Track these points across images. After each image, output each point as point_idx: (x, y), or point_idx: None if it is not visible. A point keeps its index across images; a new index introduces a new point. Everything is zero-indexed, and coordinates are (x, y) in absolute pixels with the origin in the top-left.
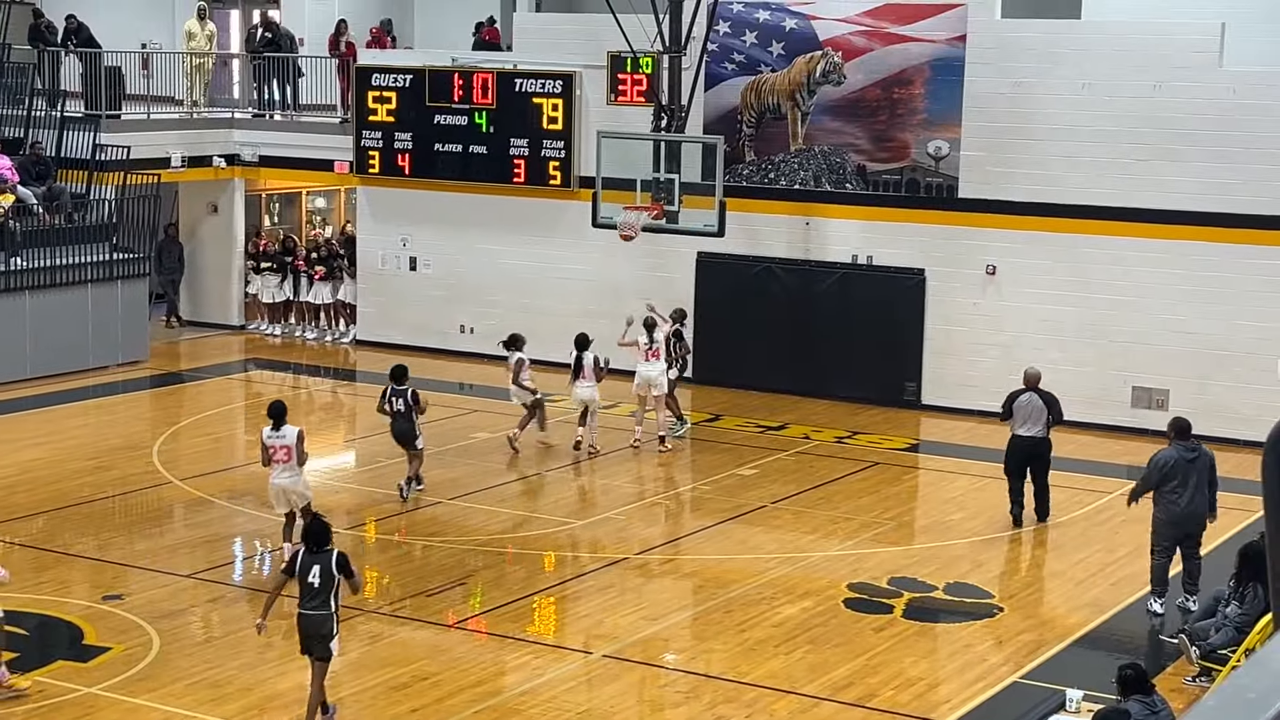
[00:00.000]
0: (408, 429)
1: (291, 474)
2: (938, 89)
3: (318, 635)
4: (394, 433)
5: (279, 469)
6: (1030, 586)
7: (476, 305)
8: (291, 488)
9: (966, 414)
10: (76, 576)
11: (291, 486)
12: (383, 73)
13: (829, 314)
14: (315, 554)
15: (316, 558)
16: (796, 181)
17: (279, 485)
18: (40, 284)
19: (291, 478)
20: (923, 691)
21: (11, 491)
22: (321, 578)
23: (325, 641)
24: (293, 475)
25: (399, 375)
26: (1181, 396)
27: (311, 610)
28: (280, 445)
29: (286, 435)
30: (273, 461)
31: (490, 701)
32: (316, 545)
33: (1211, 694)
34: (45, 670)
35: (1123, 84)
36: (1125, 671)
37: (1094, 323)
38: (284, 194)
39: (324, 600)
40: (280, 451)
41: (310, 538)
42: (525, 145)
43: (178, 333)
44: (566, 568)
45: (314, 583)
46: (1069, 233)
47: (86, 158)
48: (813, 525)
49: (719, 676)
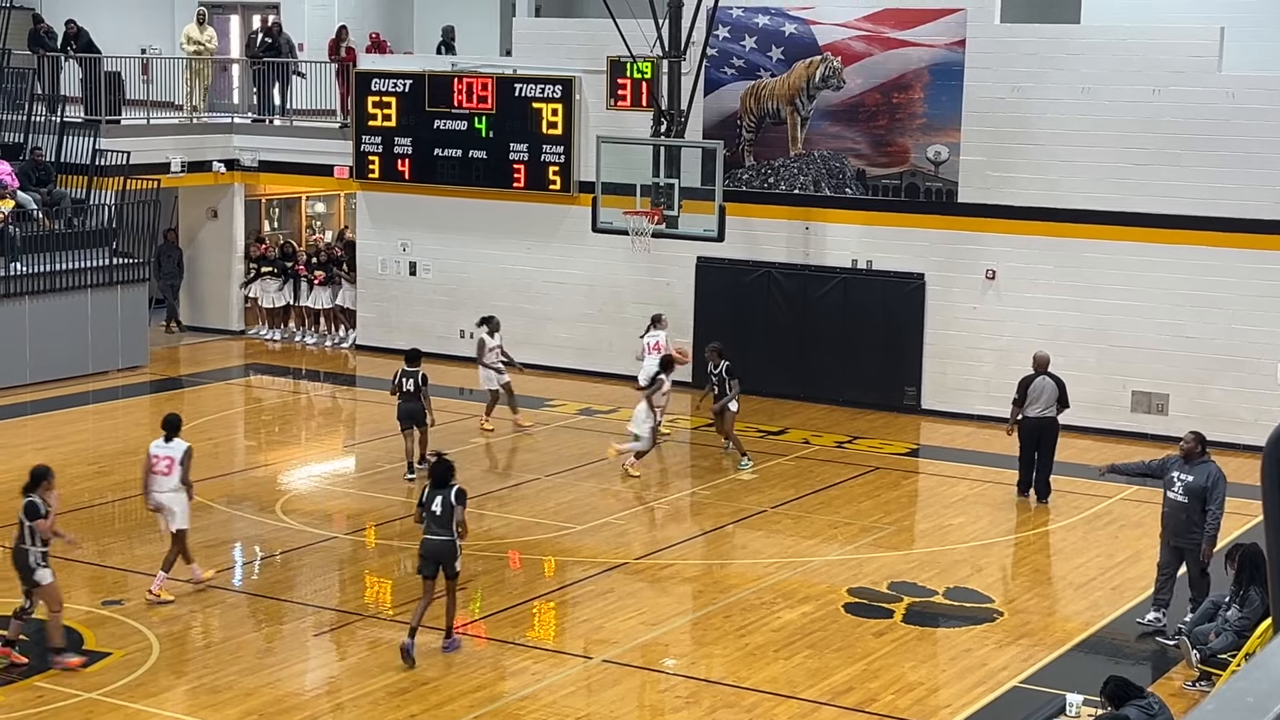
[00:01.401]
0: (416, 409)
1: (173, 490)
2: (937, 94)
3: (444, 558)
4: (401, 412)
5: (159, 481)
6: (1030, 591)
7: (476, 310)
8: (169, 505)
9: (966, 419)
10: (76, 581)
11: (169, 504)
12: (382, 78)
13: (829, 319)
14: (438, 488)
15: (439, 491)
16: (796, 186)
17: (156, 500)
18: (40, 289)
19: (171, 494)
20: (923, 696)
21: (12, 496)
22: (442, 508)
23: (451, 562)
24: (174, 491)
25: (412, 357)
26: (1181, 401)
27: (434, 536)
28: (164, 456)
29: (174, 448)
30: (153, 473)
31: (490, 707)
32: (440, 482)
33: (1211, 698)
34: (45, 676)
35: (1122, 89)
36: (1106, 687)
37: (1094, 327)
38: (284, 199)
39: (446, 527)
40: (162, 463)
41: (435, 474)
42: (525, 150)
43: (177, 338)
44: (566, 572)
45: (436, 511)
46: (1068, 237)
47: (86, 163)
48: (812, 530)
49: (719, 681)
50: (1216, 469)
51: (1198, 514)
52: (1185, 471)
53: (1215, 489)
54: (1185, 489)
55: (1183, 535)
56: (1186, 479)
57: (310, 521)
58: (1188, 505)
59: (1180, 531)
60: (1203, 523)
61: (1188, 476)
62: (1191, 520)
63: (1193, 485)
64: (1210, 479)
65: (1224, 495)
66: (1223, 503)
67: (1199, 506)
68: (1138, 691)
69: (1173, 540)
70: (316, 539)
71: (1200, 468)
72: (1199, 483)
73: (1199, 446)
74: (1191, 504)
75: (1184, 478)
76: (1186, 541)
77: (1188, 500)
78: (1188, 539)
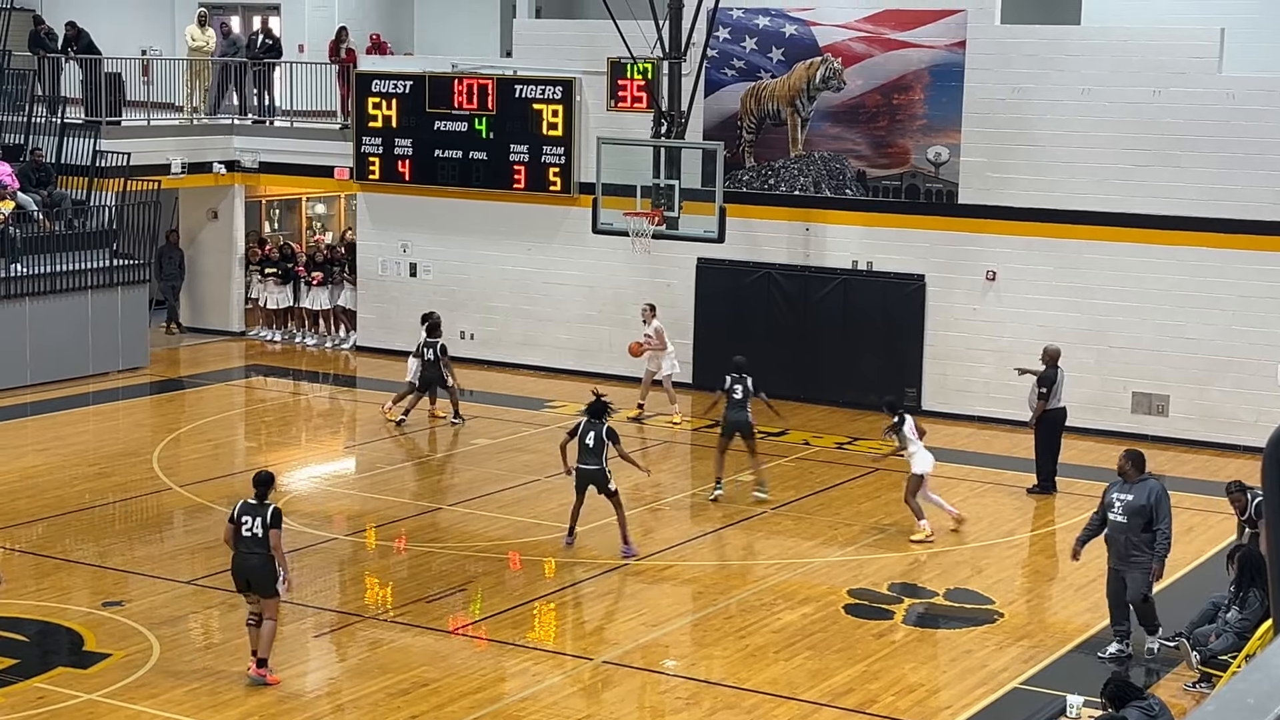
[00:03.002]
0: (435, 375)
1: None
2: (937, 95)
3: (596, 481)
4: (421, 380)
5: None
6: (1030, 592)
7: (477, 311)
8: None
9: (966, 419)
10: (77, 583)
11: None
12: (383, 79)
13: (829, 320)
14: (592, 422)
15: (592, 425)
16: (796, 187)
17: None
18: (40, 290)
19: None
20: (923, 698)
21: (13, 498)
22: (595, 441)
23: (604, 484)
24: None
25: (433, 327)
26: (1181, 402)
27: (586, 466)
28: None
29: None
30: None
31: (490, 708)
32: (596, 414)
33: (1211, 699)
34: (46, 677)
35: (1122, 90)
36: (1107, 688)
37: (1094, 328)
38: (284, 200)
39: (597, 457)
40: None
41: (591, 410)
42: (525, 151)
43: (178, 339)
44: (566, 574)
45: (589, 444)
46: (1069, 238)
47: (87, 164)
48: (813, 531)
49: (719, 683)
50: (1158, 486)
51: (1138, 534)
52: (1125, 492)
53: (1159, 507)
54: (1125, 509)
55: (1125, 559)
56: (1126, 498)
57: (311, 523)
58: (1128, 525)
59: (1123, 555)
60: (1144, 544)
61: (1127, 496)
62: (1131, 542)
63: (1132, 504)
64: (1152, 496)
65: (1169, 513)
66: (1170, 520)
67: (1140, 526)
68: (1138, 693)
69: (1116, 564)
70: (317, 540)
71: (1139, 486)
72: (1138, 501)
73: (1130, 464)
74: (1132, 524)
75: (1123, 498)
76: (1128, 566)
77: (1128, 520)
78: (1129, 562)
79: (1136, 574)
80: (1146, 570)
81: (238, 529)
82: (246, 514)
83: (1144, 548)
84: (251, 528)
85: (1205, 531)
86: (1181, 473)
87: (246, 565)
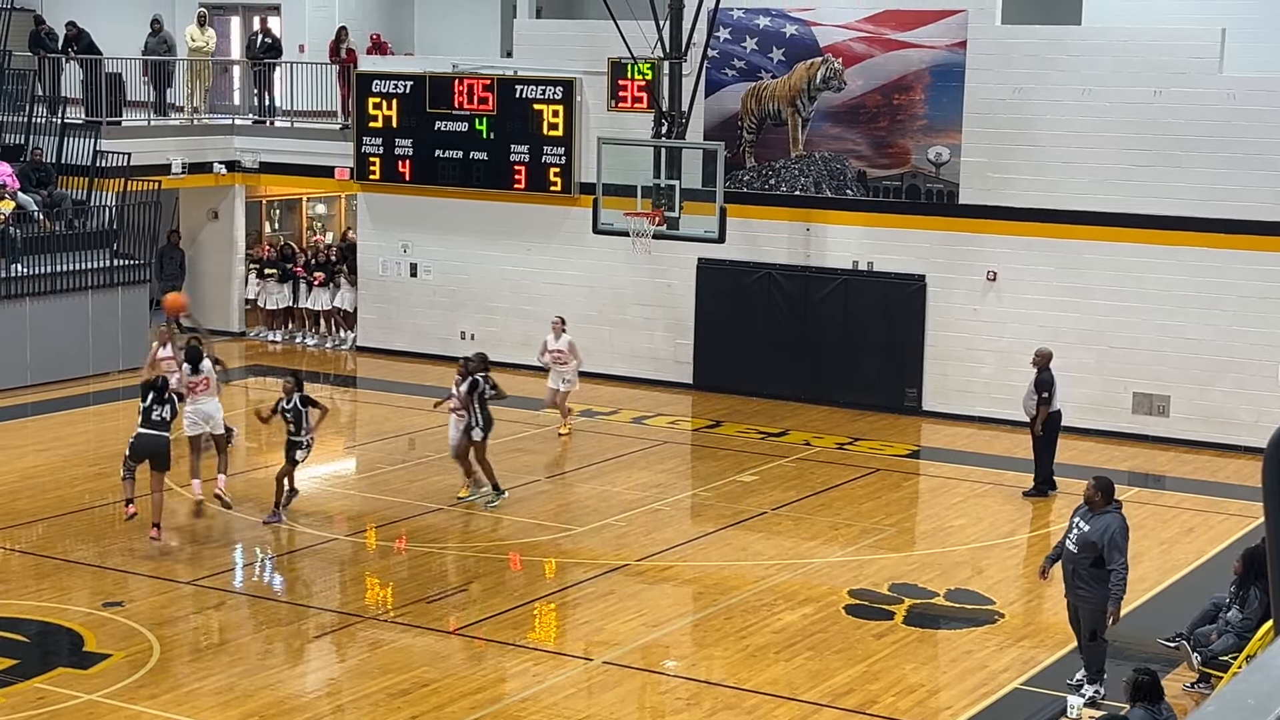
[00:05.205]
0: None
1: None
2: (938, 95)
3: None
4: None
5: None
6: (1031, 593)
7: (477, 312)
8: (215, 414)
9: (967, 420)
10: (77, 583)
11: (215, 413)
12: (383, 79)
13: (830, 320)
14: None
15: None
16: (797, 187)
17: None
18: (41, 291)
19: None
20: (923, 698)
21: (13, 498)
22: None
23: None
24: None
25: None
26: (1182, 402)
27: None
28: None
29: (204, 370)
30: (194, 392)
31: (490, 709)
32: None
33: (1212, 700)
34: (46, 677)
35: (1123, 90)
36: (1141, 678)
37: (1094, 328)
38: (284, 200)
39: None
40: (201, 383)
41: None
42: (526, 151)
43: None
44: (567, 574)
45: None
46: (1069, 239)
47: (87, 164)
48: (813, 531)
49: (719, 683)
50: (1116, 523)
51: (1085, 568)
52: (1085, 520)
53: (1112, 545)
54: (1079, 539)
55: (1071, 588)
56: (1083, 528)
57: (311, 523)
58: (1076, 557)
59: (1069, 584)
60: (1092, 579)
61: (1084, 526)
62: (1079, 574)
63: (1086, 537)
64: (1106, 535)
65: (1124, 552)
66: (1124, 560)
67: (1088, 561)
68: (1158, 696)
69: (1067, 593)
70: (317, 540)
71: (1098, 519)
72: (1091, 536)
73: (1099, 494)
74: (1080, 556)
75: (1081, 527)
76: (1076, 597)
77: (1077, 551)
78: (1076, 594)
79: (1085, 609)
80: (1095, 608)
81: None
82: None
83: (1091, 583)
84: (161, 413)
85: (1206, 532)
86: (1182, 473)
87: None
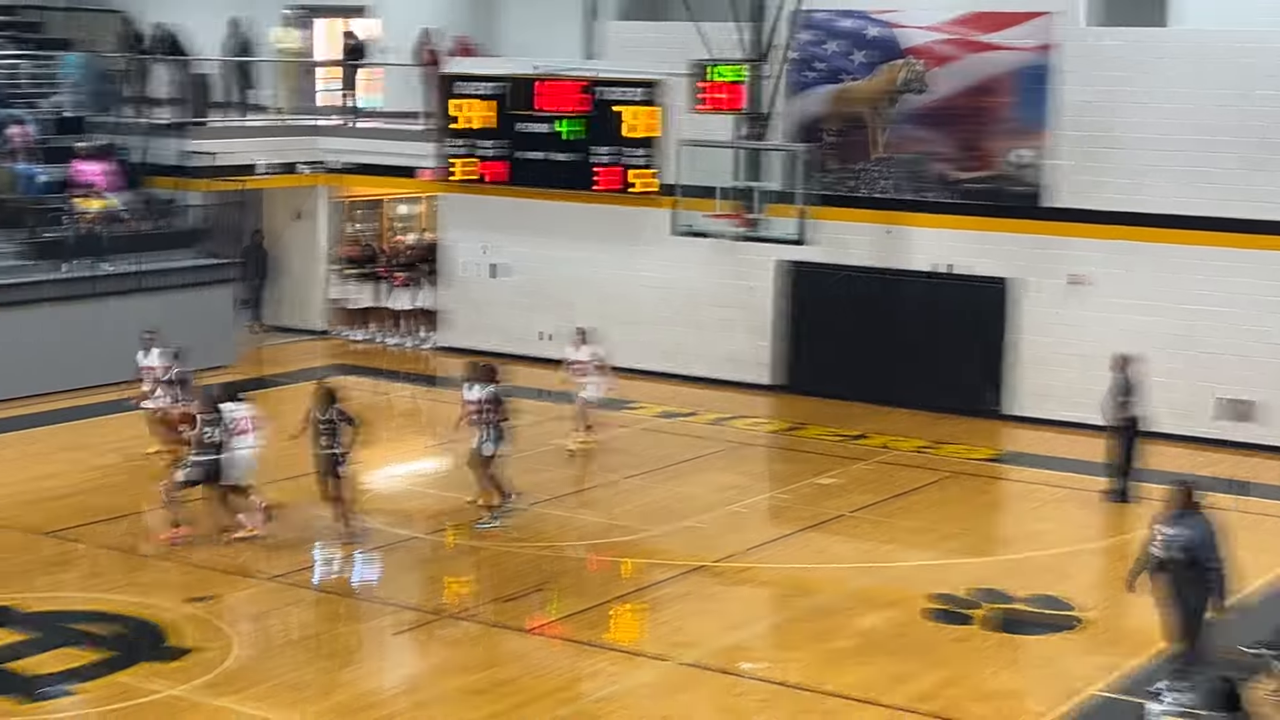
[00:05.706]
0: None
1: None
2: (1024, 97)
3: None
4: None
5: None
6: (1112, 599)
7: (556, 312)
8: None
9: (1049, 424)
10: (164, 579)
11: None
12: (467, 80)
13: (911, 323)
14: None
15: None
16: (878, 190)
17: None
18: (127, 289)
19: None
20: (1003, 704)
21: (109, 493)
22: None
23: None
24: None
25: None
26: (1269, 408)
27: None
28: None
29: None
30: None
31: (569, 708)
32: None
33: None
34: (128, 671)
35: (1210, 92)
36: (1220, 685)
37: (1179, 333)
38: (368, 201)
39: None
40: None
41: None
42: (607, 153)
43: (262, 338)
44: (645, 574)
45: None
46: (1154, 242)
47: (174, 164)
48: (892, 535)
49: (798, 686)
50: (1203, 523)
51: (1178, 572)
52: (1169, 525)
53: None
54: (1165, 543)
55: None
56: (1167, 533)
57: (391, 521)
58: (1164, 562)
59: (1159, 590)
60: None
61: (1169, 531)
62: (1170, 579)
63: (1173, 541)
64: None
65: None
66: (1222, 558)
67: (1182, 564)
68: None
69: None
70: (397, 539)
71: (1183, 523)
72: (1179, 540)
73: (1181, 498)
74: (1168, 560)
75: (1165, 531)
76: (1165, 601)
77: (1165, 556)
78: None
79: (1178, 612)
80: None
81: None
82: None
83: (1184, 586)
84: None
85: None
86: (1268, 479)
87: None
